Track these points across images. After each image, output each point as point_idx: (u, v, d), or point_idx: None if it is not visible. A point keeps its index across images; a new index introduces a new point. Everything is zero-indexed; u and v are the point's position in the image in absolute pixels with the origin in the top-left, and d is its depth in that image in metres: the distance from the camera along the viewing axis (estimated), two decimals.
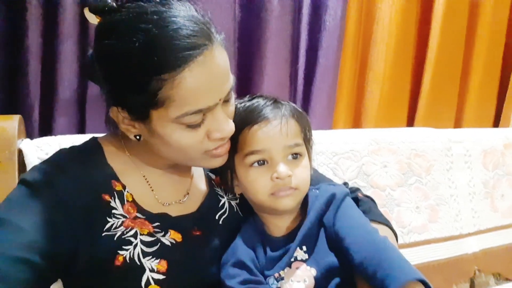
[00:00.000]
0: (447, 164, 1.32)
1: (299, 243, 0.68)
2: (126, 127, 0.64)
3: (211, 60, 0.58)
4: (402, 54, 1.40)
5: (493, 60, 1.58)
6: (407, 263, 0.59)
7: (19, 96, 0.98)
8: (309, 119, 1.27)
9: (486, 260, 1.33)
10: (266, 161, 0.69)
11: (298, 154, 0.70)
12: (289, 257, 0.68)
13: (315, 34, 1.28)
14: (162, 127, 0.61)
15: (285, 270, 0.68)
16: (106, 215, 0.63)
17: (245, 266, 0.67)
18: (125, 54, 0.56)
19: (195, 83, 0.57)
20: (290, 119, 0.70)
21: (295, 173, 0.68)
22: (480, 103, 1.58)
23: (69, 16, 0.99)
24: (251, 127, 0.68)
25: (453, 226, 1.29)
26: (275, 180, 0.67)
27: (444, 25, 1.42)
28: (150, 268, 0.63)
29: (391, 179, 1.22)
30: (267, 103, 0.71)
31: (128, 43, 0.55)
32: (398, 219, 1.21)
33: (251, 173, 0.69)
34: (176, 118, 0.59)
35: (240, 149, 0.70)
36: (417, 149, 1.27)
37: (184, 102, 0.58)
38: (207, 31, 0.59)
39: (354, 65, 1.37)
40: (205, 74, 0.58)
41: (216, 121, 0.63)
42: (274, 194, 0.68)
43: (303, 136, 0.72)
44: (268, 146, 0.68)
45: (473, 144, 1.38)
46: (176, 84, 0.56)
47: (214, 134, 0.63)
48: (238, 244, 0.70)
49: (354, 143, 1.19)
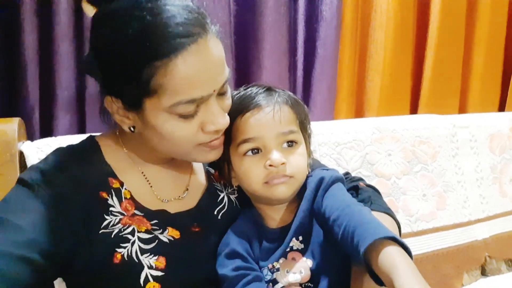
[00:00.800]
0: (452, 150, 1.30)
1: (294, 234, 0.67)
2: (120, 118, 0.64)
3: (205, 49, 0.58)
4: (402, 40, 1.38)
5: (496, 42, 1.55)
6: (379, 225, 0.57)
7: (19, 99, 0.99)
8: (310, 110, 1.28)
9: (497, 246, 1.31)
10: (259, 149, 0.67)
11: (293, 141, 0.68)
12: (284, 247, 0.67)
13: (312, 25, 1.27)
14: (155, 117, 0.60)
15: (280, 261, 0.67)
16: (103, 212, 0.63)
17: (239, 255, 0.66)
18: (119, 41, 0.56)
19: (188, 72, 0.57)
20: (283, 106, 0.68)
21: (290, 160, 0.67)
22: (484, 87, 1.55)
23: (65, 17, 0.99)
24: (243, 115, 0.67)
25: (461, 213, 1.27)
26: (268, 168, 0.65)
27: (444, 8, 1.39)
28: (148, 265, 0.62)
29: (396, 168, 1.20)
30: (260, 90, 0.70)
31: (122, 31, 0.56)
32: (405, 207, 1.20)
33: (244, 162, 0.68)
34: (168, 107, 0.59)
35: (233, 138, 0.69)
36: (422, 136, 1.26)
37: (177, 91, 0.57)
38: (201, 20, 0.59)
39: (354, 54, 1.36)
40: (198, 63, 0.57)
41: (210, 113, 0.62)
42: (268, 182, 0.66)
43: (298, 124, 0.70)
44: (261, 133, 0.66)
45: (479, 129, 1.36)
46: (169, 72, 0.56)
47: (208, 126, 0.62)
48: (232, 235, 0.69)
49: (357, 133, 1.18)
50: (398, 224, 0.73)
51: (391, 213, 0.73)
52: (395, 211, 1.18)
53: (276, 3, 1.18)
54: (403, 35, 1.39)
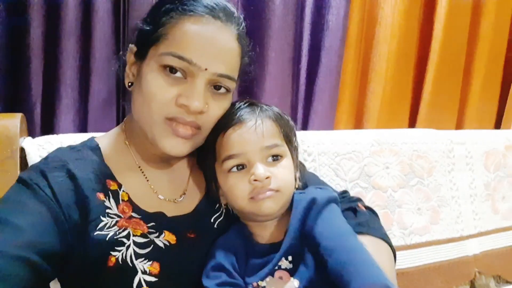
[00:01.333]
0: (448, 166, 1.32)
1: (283, 253, 0.65)
2: (129, 71, 0.69)
3: (218, 31, 0.63)
4: (404, 55, 1.40)
5: (495, 61, 1.58)
6: (375, 267, 0.56)
7: (21, 95, 0.98)
8: (311, 119, 1.29)
9: (487, 262, 1.33)
10: (244, 165, 0.66)
11: (278, 155, 0.67)
12: (272, 266, 0.65)
13: (318, 34, 1.27)
14: (146, 66, 0.64)
15: (267, 279, 0.65)
16: (100, 214, 0.63)
17: (224, 269, 0.65)
18: None
19: (192, 33, 0.62)
20: (266, 120, 0.67)
21: (275, 174, 0.65)
22: (482, 104, 1.58)
23: (71, 15, 0.99)
24: (226, 131, 0.66)
25: (454, 228, 1.29)
26: (253, 183, 0.64)
27: (446, 27, 1.41)
28: (142, 270, 0.62)
29: (392, 180, 1.22)
30: (242, 105, 0.70)
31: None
32: (400, 220, 1.21)
33: (230, 179, 0.67)
34: (160, 55, 0.62)
35: (218, 155, 0.68)
36: (419, 150, 1.27)
37: (175, 42, 0.62)
38: (230, 12, 0.65)
39: (357, 65, 1.36)
40: (205, 34, 0.62)
41: (190, 90, 0.63)
42: (253, 198, 0.65)
43: (283, 137, 0.69)
44: (244, 149, 0.65)
45: (475, 146, 1.38)
46: (177, 25, 0.62)
47: (181, 98, 0.63)
48: (219, 247, 0.68)
49: (356, 144, 1.19)
50: (394, 251, 0.72)
51: (387, 240, 0.72)
52: (390, 223, 1.20)
53: (283, 11, 1.19)
54: (406, 50, 1.40)
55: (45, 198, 0.60)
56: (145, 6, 1.01)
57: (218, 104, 0.66)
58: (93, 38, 1.00)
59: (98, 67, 1.02)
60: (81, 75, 1.01)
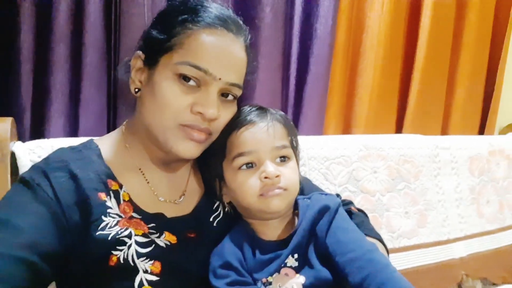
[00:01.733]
0: (434, 170, 1.35)
1: (291, 251, 0.67)
2: (134, 77, 0.70)
3: (230, 42, 0.66)
4: (391, 62, 1.43)
5: (479, 69, 1.63)
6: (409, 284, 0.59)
7: (11, 99, 0.97)
8: (301, 124, 1.31)
9: (473, 265, 1.35)
10: (254, 163, 0.69)
11: (286, 157, 0.71)
12: (280, 262, 0.67)
13: (307, 42, 1.30)
14: (159, 74, 0.65)
15: (274, 275, 0.67)
16: (101, 214, 0.64)
17: (233, 267, 0.67)
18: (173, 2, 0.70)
19: (208, 44, 0.64)
20: (276, 122, 0.71)
21: (284, 173, 0.69)
22: (466, 110, 1.62)
23: (62, 19, 0.99)
24: (238, 130, 0.69)
25: (441, 231, 1.32)
26: (263, 180, 0.67)
27: (431, 36, 1.46)
28: (144, 269, 0.63)
29: (380, 185, 1.24)
30: (253, 109, 0.73)
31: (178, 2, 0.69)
32: (388, 224, 1.23)
33: (239, 176, 0.69)
34: (175, 64, 0.64)
35: (228, 153, 0.70)
36: (406, 155, 1.30)
37: (190, 52, 0.64)
38: (239, 24, 0.69)
39: (344, 72, 1.39)
40: (219, 45, 0.65)
41: (205, 98, 0.65)
42: (263, 195, 0.68)
43: (290, 141, 0.73)
44: (256, 147, 0.68)
45: (460, 151, 1.42)
46: (193, 35, 0.64)
47: (196, 106, 0.65)
48: (226, 244, 0.70)
49: (345, 149, 1.21)
50: (387, 250, 0.77)
51: (381, 239, 0.77)
52: (379, 227, 1.21)
53: (272, 19, 1.21)
54: (392, 57, 1.44)
55: (46, 198, 0.60)
56: (136, 11, 1.03)
57: (227, 111, 0.70)
58: (84, 43, 1.01)
59: (89, 72, 1.02)
60: (72, 80, 1.01)
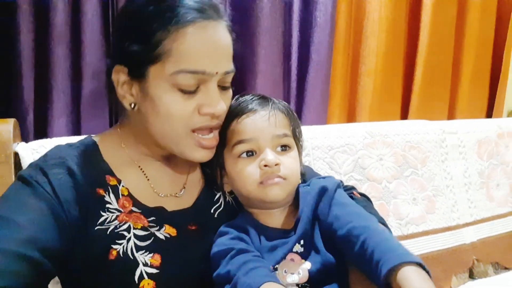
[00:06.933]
0: (442, 155, 1.33)
1: (297, 239, 0.67)
2: (123, 92, 0.65)
3: (215, 30, 0.63)
4: (393, 47, 1.41)
5: (484, 50, 1.60)
6: (404, 248, 0.59)
7: (13, 100, 0.98)
8: (304, 114, 1.30)
9: (484, 250, 1.34)
10: (254, 151, 0.69)
11: (287, 145, 0.70)
12: (287, 250, 0.67)
13: (307, 30, 1.28)
14: (155, 87, 0.62)
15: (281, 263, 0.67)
16: (100, 209, 0.64)
17: (243, 240, 0.67)
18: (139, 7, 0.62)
19: (195, 43, 0.60)
20: (278, 111, 0.71)
21: (284, 162, 0.68)
22: (473, 94, 1.59)
23: (61, 19, 0.99)
24: (239, 117, 0.69)
25: (450, 217, 1.30)
26: (263, 168, 0.67)
27: (434, 18, 1.43)
28: (143, 262, 0.63)
29: (387, 172, 1.23)
30: (254, 98, 0.73)
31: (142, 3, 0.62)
32: (396, 211, 1.22)
33: (239, 164, 0.69)
34: (170, 75, 0.61)
35: (228, 140, 0.70)
36: (412, 141, 1.28)
37: (182, 58, 0.60)
38: (216, 7, 0.64)
39: (346, 60, 1.38)
40: (207, 38, 0.61)
41: (209, 96, 0.64)
42: (262, 183, 0.67)
43: (292, 131, 0.72)
44: (256, 135, 0.68)
45: (467, 135, 1.39)
46: (179, 38, 0.60)
47: (205, 108, 0.64)
48: (231, 227, 0.69)
49: (349, 137, 1.20)
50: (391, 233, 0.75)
51: (384, 223, 0.75)
52: (386, 214, 1.20)
53: (271, 9, 1.20)
54: (395, 43, 1.41)
55: (45, 195, 0.60)
56: None
57: (226, 98, 0.69)
58: (83, 41, 1.01)
59: (89, 70, 1.02)
60: (72, 79, 1.02)
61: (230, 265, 0.62)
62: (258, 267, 0.60)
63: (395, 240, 0.61)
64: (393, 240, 0.61)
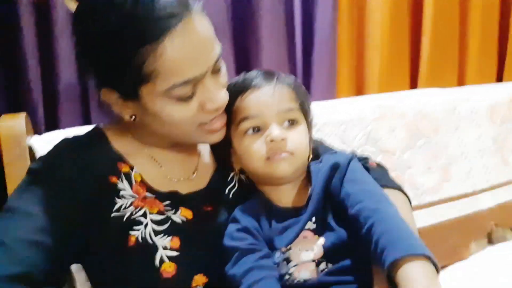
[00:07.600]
0: (454, 123, 1.31)
1: (309, 216, 0.66)
2: (120, 108, 0.64)
3: (191, 28, 0.58)
4: (399, 17, 1.38)
5: (491, 14, 1.55)
6: (413, 237, 0.57)
7: (22, 95, 0.99)
8: (312, 92, 1.29)
9: (502, 215, 1.33)
10: (260, 127, 0.67)
11: (294, 120, 0.69)
12: (298, 229, 0.66)
13: (309, 7, 1.26)
14: (152, 103, 0.61)
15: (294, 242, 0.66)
16: (113, 196, 0.64)
17: (250, 232, 0.66)
18: (103, 32, 0.56)
19: (178, 53, 0.57)
20: (284, 86, 0.69)
21: (291, 137, 0.67)
22: (482, 58, 1.55)
23: (62, 13, 0.98)
24: (244, 93, 0.68)
25: (466, 184, 1.29)
26: (269, 143, 0.66)
27: None
28: (163, 246, 0.63)
29: (400, 143, 1.22)
30: (259, 73, 0.71)
31: (105, 21, 0.55)
32: (411, 181, 1.21)
33: (245, 140, 0.68)
34: (164, 92, 0.59)
35: (234, 118, 0.69)
36: (423, 111, 1.27)
37: (170, 73, 0.57)
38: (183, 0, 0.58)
39: (351, 33, 1.36)
40: (187, 43, 0.57)
41: (208, 91, 0.62)
42: (269, 158, 0.66)
43: (299, 105, 0.70)
44: (261, 110, 0.67)
45: (479, 101, 1.37)
46: (159, 56, 0.56)
47: (207, 105, 0.63)
48: (241, 212, 0.69)
49: (359, 110, 1.19)
50: (409, 199, 0.75)
51: (401, 189, 0.75)
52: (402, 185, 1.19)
53: None
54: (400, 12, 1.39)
55: (53, 184, 0.61)
56: None
57: (222, 78, 0.67)
58: None
59: None
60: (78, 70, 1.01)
61: (236, 268, 0.62)
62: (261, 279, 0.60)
63: (404, 226, 0.58)
64: (402, 226, 0.58)
